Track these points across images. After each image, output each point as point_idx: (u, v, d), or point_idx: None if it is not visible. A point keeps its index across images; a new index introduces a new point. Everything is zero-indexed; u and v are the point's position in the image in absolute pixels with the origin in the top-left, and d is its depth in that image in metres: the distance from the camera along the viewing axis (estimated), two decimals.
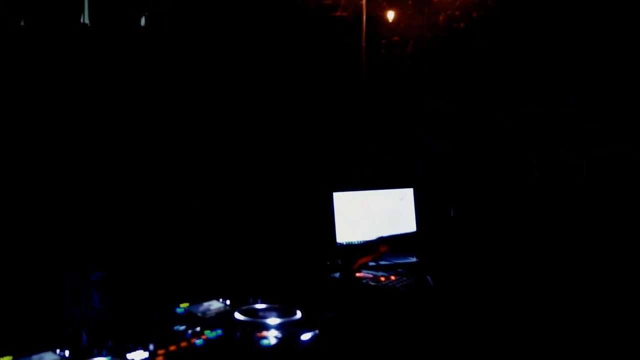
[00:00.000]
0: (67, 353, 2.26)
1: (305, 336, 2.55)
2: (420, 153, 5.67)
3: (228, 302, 2.83)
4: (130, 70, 6.51)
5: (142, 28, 7.35)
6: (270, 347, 2.41)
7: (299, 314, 2.65)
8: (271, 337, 2.47)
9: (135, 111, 5.93)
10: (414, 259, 3.73)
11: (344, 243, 3.80)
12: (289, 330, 2.54)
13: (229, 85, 7.01)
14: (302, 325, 2.59)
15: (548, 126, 5.22)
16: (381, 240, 3.20)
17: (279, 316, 2.62)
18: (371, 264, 3.46)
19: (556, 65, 5.78)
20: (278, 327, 2.54)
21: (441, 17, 6.16)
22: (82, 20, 7.41)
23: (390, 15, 6.25)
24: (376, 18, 6.35)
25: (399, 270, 3.40)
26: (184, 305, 2.73)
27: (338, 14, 6.56)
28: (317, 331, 2.60)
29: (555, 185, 4.73)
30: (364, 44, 6.39)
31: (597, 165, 4.81)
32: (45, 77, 6.54)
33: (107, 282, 4.61)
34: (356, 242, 3.87)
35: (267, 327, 2.54)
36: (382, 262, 3.49)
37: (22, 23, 7.37)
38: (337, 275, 3.21)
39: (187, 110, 6.78)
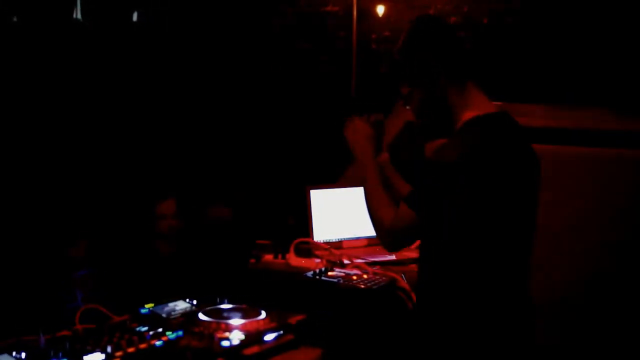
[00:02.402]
0: (23, 355, 2.25)
1: (269, 337, 2.53)
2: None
3: (195, 302, 2.81)
4: (122, 65, 6.52)
5: (134, 24, 7.35)
6: (230, 348, 2.40)
7: (263, 315, 2.63)
8: (233, 337, 2.46)
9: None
10: (392, 257, 3.70)
11: (322, 241, 3.79)
12: (252, 331, 2.52)
13: (210, 81, 7.01)
14: (266, 326, 2.57)
15: None
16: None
17: (242, 317, 2.60)
18: (346, 262, 3.44)
19: (554, 65, 5.75)
20: (241, 328, 2.52)
21: (431, 12, 6.13)
22: (74, 16, 7.42)
23: (380, 9, 6.22)
24: (366, 12, 6.32)
25: (375, 268, 3.37)
26: (149, 305, 2.72)
27: (329, 8, 6.54)
28: (281, 332, 2.58)
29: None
30: (355, 39, 6.37)
31: None
32: (38, 71, 6.55)
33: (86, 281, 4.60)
34: (334, 240, 3.86)
35: (229, 328, 2.52)
36: (358, 260, 3.46)
37: (14, 19, 7.38)
38: (309, 274, 3.18)
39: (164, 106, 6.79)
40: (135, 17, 7.40)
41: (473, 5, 6.05)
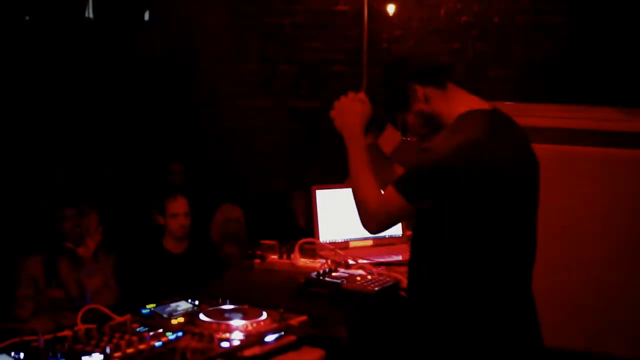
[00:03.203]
0: (21, 355, 2.25)
1: (270, 338, 2.52)
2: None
3: (197, 302, 2.80)
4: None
5: (146, 22, 7.38)
6: (230, 349, 2.39)
7: (264, 315, 2.62)
8: (233, 338, 2.45)
9: None
10: (399, 258, 3.68)
11: (327, 242, 3.77)
12: (252, 332, 2.51)
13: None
14: (267, 327, 2.56)
15: None
16: None
17: (243, 317, 2.59)
18: (351, 262, 3.43)
19: (566, 63, 5.74)
20: (241, 329, 2.51)
21: (442, 11, 6.11)
22: (86, 15, 7.46)
23: (391, 8, 6.20)
24: (377, 11, 6.31)
25: (380, 269, 3.36)
26: (150, 305, 2.71)
27: (339, 7, 6.53)
28: (282, 333, 2.57)
29: None
30: (365, 38, 6.36)
31: None
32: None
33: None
34: (340, 240, 3.84)
35: (230, 329, 2.51)
36: (363, 261, 3.45)
37: (27, 18, 7.42)
38: (313, 275, 3.17)
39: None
40: (147, 16, 7.44)
41: (483, 4, 6.03)
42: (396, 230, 3.94)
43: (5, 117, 7.23)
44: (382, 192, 2.71)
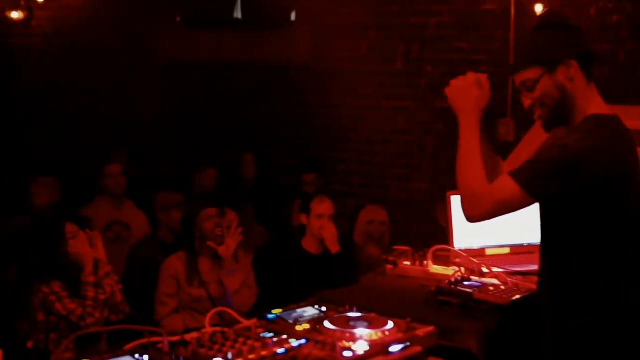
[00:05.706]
0: (145, 358, 2.27)
1: (394, 348, 2.47)
2: None
3: (324, 309, 2.77)
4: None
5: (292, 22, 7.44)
6: (353, 358, 2.35)
7: (391, 325, 2.56)
8: (357, 348, 2.41)
9: None
10: (537, 267, 3.56)
11: (462, 248, 3.68)
12: (377, 342, 2.46)
13: None
14: (393, 337, 2.51)
15: None
16: None
17: (369, 326, 2.54)
18: (485, 270, 3.33)
19: None
20: (366, 338, 2.47)
21: (592, 10, 5.89)
22: (234, 15, 7.62)
23: (539, 8, 6.02)
24: (524, 10, 6.14)
25: (516, 279, 3.25)
26: (277, 311, 2.70)
27: (486, 7, 6.39)
28: (408, 343, 2.52)
29: None
30: (512, 38, 6.22)
31: None
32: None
33: None
34: (476, 247, 3.74)
35: (354, 338, 2.47)
36: (497, 270, 3.34)
37: (178, 19, 7.64)
38: (445, 283, 3.11)
39: None
40: (293, 16, 7.49)
41: (637, 4, 5.78)
42: (536, 237, 3.81)
43: (152, 121, 7.47)
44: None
